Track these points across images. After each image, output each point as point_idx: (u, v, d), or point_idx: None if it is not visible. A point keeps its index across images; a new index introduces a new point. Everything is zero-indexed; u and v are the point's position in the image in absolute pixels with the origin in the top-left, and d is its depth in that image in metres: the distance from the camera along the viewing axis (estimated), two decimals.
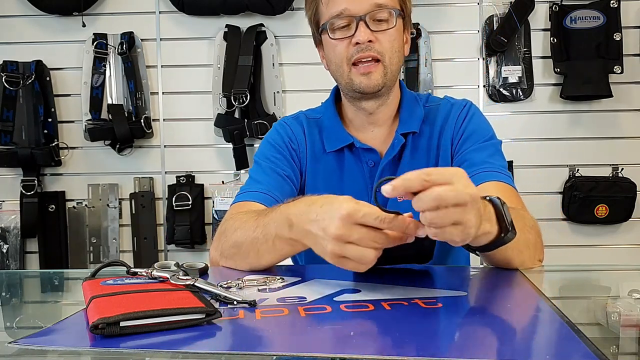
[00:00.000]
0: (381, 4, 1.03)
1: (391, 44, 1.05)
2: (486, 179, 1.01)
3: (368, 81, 1.05)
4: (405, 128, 1.11)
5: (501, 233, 0.76)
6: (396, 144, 1.11)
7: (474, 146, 1.08)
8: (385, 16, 1.04)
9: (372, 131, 1.14)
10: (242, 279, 0.80)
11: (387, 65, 1.05)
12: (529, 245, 0.88)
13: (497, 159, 1.07)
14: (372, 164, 1.11)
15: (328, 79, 1.16)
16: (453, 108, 1.14)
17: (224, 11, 2.30)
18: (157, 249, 2.40)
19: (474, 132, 1.10)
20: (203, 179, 2.39)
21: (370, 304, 0.69)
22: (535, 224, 0.95)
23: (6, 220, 2.38)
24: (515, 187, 1.04)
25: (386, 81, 1.06)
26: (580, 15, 2.26)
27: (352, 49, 1.04)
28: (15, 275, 1.39)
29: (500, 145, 1.12)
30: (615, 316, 0.70)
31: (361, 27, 1.02)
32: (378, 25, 1.04)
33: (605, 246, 2.34)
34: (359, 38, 1.02)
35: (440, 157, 1.11)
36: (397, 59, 1.07)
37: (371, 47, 1.03)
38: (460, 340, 0.58)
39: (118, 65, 2.35)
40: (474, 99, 2.30)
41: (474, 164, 1.05)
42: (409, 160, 1.11)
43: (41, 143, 2.34)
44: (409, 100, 1.15)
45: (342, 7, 1.03)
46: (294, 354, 0.55)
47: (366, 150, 1.11)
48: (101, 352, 0.56)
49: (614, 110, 2.31)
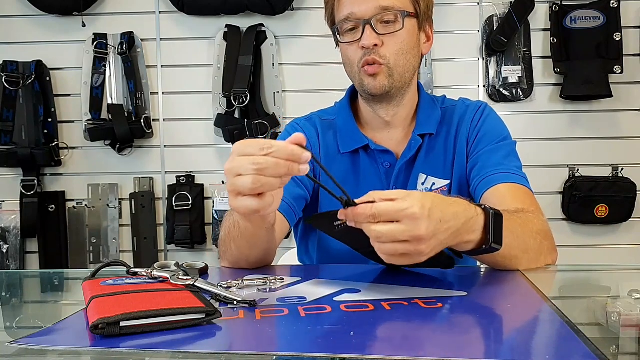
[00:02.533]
0: (387, 6, 1.02)
1: (397, 47, 1.04)
2: (500, 181, 1.02)
3: (375, 83, 1.05)
4: (423, 129, 1.12)
5: (483, 244, 0.79)
6: (413, 145, 1.11)
7: (488, 147, 1.09)
8: (392, 18, 1.03)
9: (388, 132, 1.14)
10: (242, 279, 0.80)
11: (392, 67, 1.04)
12: (529, 250, 0.89)
13: (512, 160, 1.08)
14: (387, 165, 1.11)
15: (328, 79, 1.16)
16: (468, 109, 1.14)
17: (224, 11, 2.30)
18: (157, 249, 2.40)
19: (488, 133, 1.11)
20: (203, 179, 2.39)
21: (370, 304, 0.69)
22: (545, 227, 0.95)
23: (6, 220, 2.38)
24: (530, 188, 1.04)
25: (393, 83, 1.05)
26: (580, 15, 2.26)
27: (360, 53, 1.04)
28: (15, 275, 1.39)
29: (515, 146, 1.12)
30: (615, 316, 0.70)
31: (367, 31, 1.02)
32: (385, 28, 1.03)
33: (605, 246, 2.35)
34: (364, 42, 1.02)
35: (456, 158, 1.12)
36: (404, 61, 1.06)
37: (376, 50, 1.03)
38: (460, 340, 0.58)
39: (118, 65, 2.35)
40: (474, 99, 2.31)
41: (488, 165, 1.06)
42: (424, 161, 1.12)
43: (41, 143, 2.34)
44: (426, 102, 1.15)
45: (348, 11, 1.03)
46: (294, 354, 0.55)
47: (382, 151, 1.11)
48: (101, 352, 0.56)
49: (614, 110, 2.31)
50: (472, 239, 0.78)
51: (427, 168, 1.11)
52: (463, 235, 0.76)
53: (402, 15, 1.03)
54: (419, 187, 1.11)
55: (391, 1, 1.02)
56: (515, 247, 0.85)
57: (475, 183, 1.07)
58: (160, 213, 2.41)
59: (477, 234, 0.78)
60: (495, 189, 1.02)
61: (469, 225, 0.76)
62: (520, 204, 0.97)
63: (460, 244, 0.78)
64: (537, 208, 1.00)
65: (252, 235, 0.90)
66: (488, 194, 1.02)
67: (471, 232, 0.77)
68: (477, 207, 0.79)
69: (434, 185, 1.11)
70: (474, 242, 0.79)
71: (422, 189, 1.10)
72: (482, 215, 0.78)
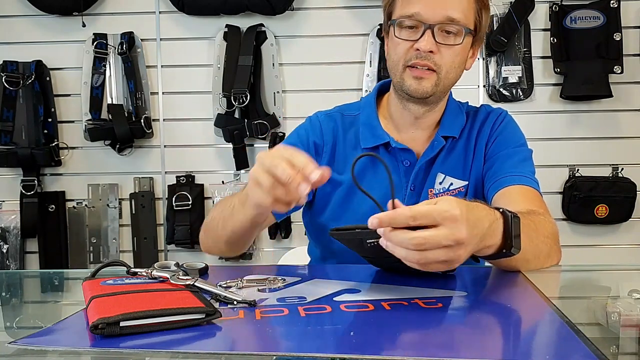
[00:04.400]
0: (454, 18, 1.01)
1: (452, 59, 1.04)
2: (512, 183, 1.05)
3: (418, 86, 1.04)
4: (447, 132, 1.13)
5: (503, 248, 0.78)
6: (436, 145, 1.12)
7: (505, 151, 1.12)
8: (454, 30, 1.02)
9: (413, 132, 1.14)
10: (242, 279, 0.80)
11: (441, 77, 1.05)
12: (539, 256, 0.89)
13: (526, 165, 1.11)
14: (407, 163, 1.12)
15: (328, 79, 1.17)
16: (490, 115, 1.17)
17: (224, 11, 2.30)
18: (157, 249, 2.40)
19: (506, 138, 1.14)
20: (203, 179, 2.38)
21: (370, 304, 0.69)
22: (554, 229, 0.96)
23: (6, 220, 2.37)
24: (540, 191, 1.06)
25: (436, 91, 1.06)
26: (580, 15, 2.26)
27: (412, 53, 1.03)
28: (15, 275, 1.39)
29: (531, 154, 1.15)
30: (615, 316, 0.70)
31: (427, 35, 1.01)
32: (445, 38, 1.02)
33: (605, 246, 2.34)
34: (421, 46, 1.01)
35: (475, 160, 1.14)
36: (454, 73, 1.07)
37: (430, 57, 1.02)
38: (460, 340, 0.58)
39: (118, 65, 2.35)
40: (474, 99, 2.32)
41: (503, 168, 1.09)
42: (443, 161, 1.13)
43: (41, 143, 2.34)
44: (453, 107, 1.17)
45: (415, 10, 1.02)
46: (294, 354, 0.55)
47: (402, 150, 1.12)
48: (101, 352, 0.56)
49: (614, 110, 2.30)
50: (493, 243, 0.77)
51: (446, 168, 1.13)
52: (487, 239, 0.75)
53: (465, 31, 1.03)
54: (437, 186, 1.12)
55: (459, 14, 1.02)
56: (529, 252, 0.85)
57: (488, 185, 1.10)
58: (160, 213, 2.41)
59: (498, 238, 0.77)
60: (506, 190, 1.04)
61: (491, 229, 0.75)
62: (530, 206, 0.99)
63: (482, 249, 0.76)
64: (546, 210, 1.01)
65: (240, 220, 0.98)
66: (499, 195, 1.05)
67: (493, 237, 0.76)
68: (496, 210, 0.78)
69: (452, 185, 1.13)
70: (495, 246, 0.77)
71: (439, 188, 1.12)
72: (502, 219, 0.77)
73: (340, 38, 2.32)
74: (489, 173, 1.11)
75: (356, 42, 2.32)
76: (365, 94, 2.28)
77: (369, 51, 2.29)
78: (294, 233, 2.35)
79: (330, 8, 2.32)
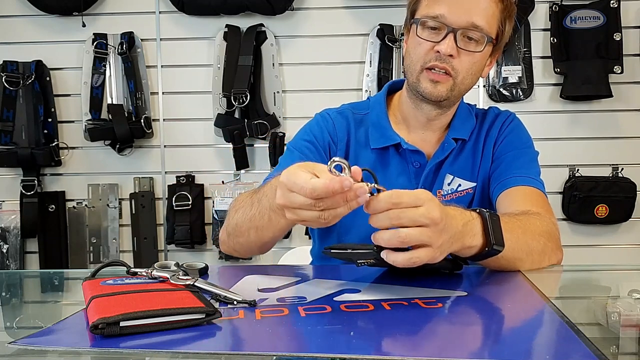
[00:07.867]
0: (478, 25, 1.01)
1: (470, 65, 1.04)
2: (515, 184, 1.06)
3: (433, 89, 1.04)
4: (457, 134, 1.14)
5: (485, 247, 0.80)
6: (447, 147, 1.12)
7: (512, 152, 1.13)
8: (476, 37, 1.02)
9: (423, 133, 1.14)
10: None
11: (457, 83, 1.04)
12: (532, 252, 0.90)
13: (532, 166, 1.12)
14: (417, 165, 1.12)
15: (328, 79, 1.16)
16: (498, 117, 1.18)
17: (224, 11, 2.30)
18: (157, 249, 2.40)
19: (513, 140, 1.15)
20: (203, 179, 2.39)
21: (370, 304, 0.69)
22: (549, 227, 0.96)
23: (6, 220, 2.37)
24: (544, 192, 1.08)
25: (451, 96, 1.05)
26: (580, 15, 2.26)
27: (431, 55, 1.02)
28: (15, 275, 1.39)
29: (536, 156, 1.16)
30: (615, 316, 0.70)
31: (449, 38, 1.00)
32: (466, 44, 1.02)
33: (605, 246, 2.34)
34: (442, 48, 1.01)
35: (482, 162, 1.15)
36: (470, 80, 1.06)
37: (449, 61, 1.02)
38: (460, 340, 0.58)
39: (118, 65, 2.35)
40: (474, 99, 2.32)
41: (509, 169, 1.10)
42: (451, 163, 1.13)
43: (41, 143, 2.34)
44: (464, 110, 1.17)
45: (441, 11, 1.01)
46: (294, 354, 0.55)
47: (413, 151, 1.12)
48: (101, 352, 0.56)
49: (614, 110, 2.30)
50: (474, 243, 0.80)
51: (454, 170, 1.14)
52: (466, 239, 0.78)
53: (486, 40, 1.03)
54: (445, 187, 1.13)
55: (484, 22, 1.01)
56: (518, 250, 0.87)
57: (493, 185, 1.11)
58: (160, 213, 2.41)
59: (478, 237, 0.80)
60: (510, 191, 1.05)
61: (468, 228, 0.78)
62: (530, 206, 0.99)
63: (463, 249, 0.79)
64: (548, 210, 1.02)
65: (281, 229, 0.92)
66: (502, 195, 1.06)
67: (472, 236, 0.79)
68: (472, 211, 0.81)
69: (460, 186, 1.14)
70: (477, 246, 0.80)
71: (448, 189, 1.13)
72: (479, 219, 0.81)
73: (340, 38, 2.32)
74: (494, 174, 1.12)
75: (356, 42, 2.32)
76: (365, 94, 2.28)
77: (369, 51, 2.29)
78: (294, 233, 2.35)
79: (330, 8, 2.32)
